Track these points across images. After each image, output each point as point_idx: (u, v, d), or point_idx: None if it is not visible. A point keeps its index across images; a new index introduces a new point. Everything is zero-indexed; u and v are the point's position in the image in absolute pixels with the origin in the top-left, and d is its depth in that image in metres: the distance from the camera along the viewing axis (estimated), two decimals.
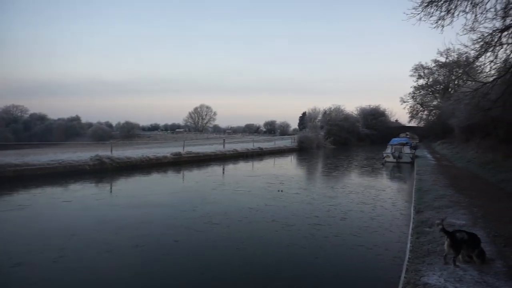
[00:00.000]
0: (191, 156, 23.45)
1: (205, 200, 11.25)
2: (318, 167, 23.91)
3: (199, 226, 8.25)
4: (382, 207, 10.61)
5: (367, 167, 22.76)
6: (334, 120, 55.10)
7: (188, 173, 18.54)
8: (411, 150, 27.24)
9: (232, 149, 28.63)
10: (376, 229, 8.23)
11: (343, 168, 22.41)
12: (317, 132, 48.12)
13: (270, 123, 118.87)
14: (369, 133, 62.64)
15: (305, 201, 11.30)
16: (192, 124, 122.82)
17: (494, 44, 11.07)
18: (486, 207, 8.47)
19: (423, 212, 8.10)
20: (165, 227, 8.09)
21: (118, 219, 8.78)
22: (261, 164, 23.93)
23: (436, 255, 5.31)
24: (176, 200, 11.15)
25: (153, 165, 19.97)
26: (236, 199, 11.46)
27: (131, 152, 21.29)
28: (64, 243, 6.92)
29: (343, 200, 11.66)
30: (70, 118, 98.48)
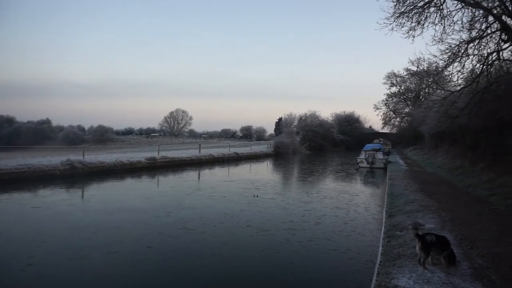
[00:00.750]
0: (166, 161, 23.16)
1: (180, 205, 11.14)
2: (293, 173, 24.11)
3: (173, 231, 8.17)
4: (355, 212, 10.83)
5: (342, 172, 23.16)
6: (309, 125, 55.82)
7: (163, 178, 18.31)
8: (384, 156, 27.97)
9: (208, 154, 28.49)
10: (350, 234, 8.39)
11: (318, 173, 22.70)
12: (293, 138, 48.58)
13: (247, 128, 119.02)
14: (344, 139, 63.82)
15: (280, 206, 11.38)
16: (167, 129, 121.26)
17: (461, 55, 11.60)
18: (454, 211, 8.81)
19: (395, 216, 8.34)
20: (139, 233, 7.96)
21: (90, 225, 8.56)
22: (237, 169, 23.92)
23: (407, 258, 5.48)
24: (150, 206, 10.99)
25: (127, 170, 19.60)
26: (211, 205, 11.41)
27: (104, 157, 20.81)
28: (33, 250, 6.69)
29: (318, 205, 11.81)
30: (40, 121, 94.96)
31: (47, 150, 33.43)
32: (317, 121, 58.21)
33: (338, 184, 17.65)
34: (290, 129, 52.02)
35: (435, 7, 11.81)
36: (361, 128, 71.45)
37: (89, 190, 13.88)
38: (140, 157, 21.82)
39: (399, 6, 12.03)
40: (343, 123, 67.96)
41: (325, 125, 59.90)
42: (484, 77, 11.80)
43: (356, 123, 70.30)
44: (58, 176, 16.07)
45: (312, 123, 56.76)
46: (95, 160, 18.58)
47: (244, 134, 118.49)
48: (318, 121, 58.61)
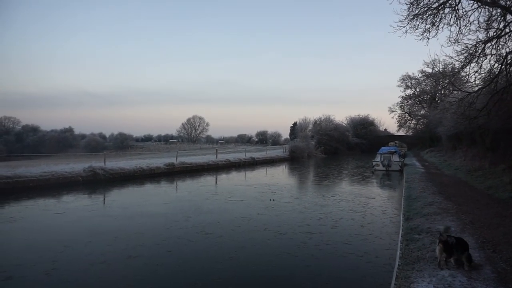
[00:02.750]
0: (184, 166, 23.33)
1: (198, 210, 11.17)
2: (309, 176, 23.94)
3: (192, 236, 8.17)
4: (372, 215, 10.63)
5: (357, 176, 22.85)
6: (324, 129, 55.46)
7: (181, 183, 18.42)
8: (400, 159, 27.48)
9: (225, 159, 28.57)
10: (367, 237, 8.23)
11: (334, 176, 22.46)
12: (308, 142, 48.32)
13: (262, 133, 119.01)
14: (359, 142, 63.09)
15: (296, 210, 11.27)
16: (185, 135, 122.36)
17: (478, 55, 11.28)
18: (474, 214, 8.54)
19: (412, 219, 8.13)
20: (158, 238, 7.99)
21: (111, 230, 8.66)
22: (253, 174, 23.89)
23: (426, 262, 5.32)
24: (169, 210, 11.05)
25: (147, 176, 19.82)
26: (228, 209, 11.40)
27: (125, 163, 21.11)
28: (56, 255, 6.79)
29: (334, 208, 11.66)
30: (63, 129, 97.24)
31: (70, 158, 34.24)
32: (332, 125, 57.79)
33: (354, 187, 17.41)
34: (305, 134, 51.78)
35: (450, 8, 11.53)
36: (376, 131, 70.49)
37: (110, 196, 14.07)
38: (159, 163, 22.03)
39: (413, 8, 11.80)
40: (358, 126, 67.23)
41: (340, 128, 59.40)
42: (503, 77, 11.44)
43: (371, 126, 69.40)
44: (80, 182, 16.37)
45: (327, 127, 56.39)
46: (115, 167, 18.85)
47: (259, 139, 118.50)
48: (333, 125, 58.18)
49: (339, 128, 58.99)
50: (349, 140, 61.49)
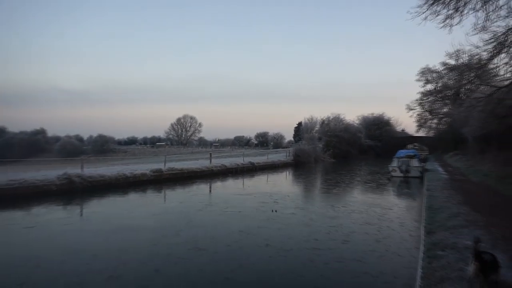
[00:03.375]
0: (174, 173, 23.30)
1: (190, 222, 11.13)
2: (316, 184, 23.90)
3: (183, 252, 8.14)
4: (388, 228, 10.60)
5: (371, 183, 22.85)
6: (333, 130, 55.49)
7: (170, 192, 18.38)
8: (420, 163, 27.46)
9: (220, 165, 28.54)
10: (383, 253, 8.20)
11: (345, 184, 22.45)
12: (314, 144, 48.33)
13: (262, 135, 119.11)
14: (373, 145, 63.16)
15: (302, 222, 11.25)
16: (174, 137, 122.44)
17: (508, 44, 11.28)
18: (508, 227, 8.50)
19: (435, 233, 8.10)
20: (144, 255, 7.95)
21: (89, 247, 8.61)
22: (252, 181, 23.87)
23: (452, 283, 5.28)
24: (157, 224, 11.02)
25: (131, 184, 19.78)
26: (224, 221, 11.36)
27: (105, 169, 21.06)
28: (25, 276, 6.75)
29: (345, 220, 11.63)
30: (34, 131, 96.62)
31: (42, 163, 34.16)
32: (342, 125, 57.83)
33: (368, 196, 17.40)
34: (311, 135, 51.81)
35: None
36: (393, 132, 70.58)
37: (88, 207, 14.02)
38: (145, 169, 22.00)
39: None
40: (371, 126, 67.32)
41: (351, 129, 59.44)
42: None
43: (387, 126, 69.47)
44: (54, 192, 16.31)
45: (336, 128, 56.43)
46: (95, 174, 18.81)
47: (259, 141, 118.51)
48: (343, 125, 58.21)
49: (350, 129, 59.03)
50: (362, 142, 61.54)
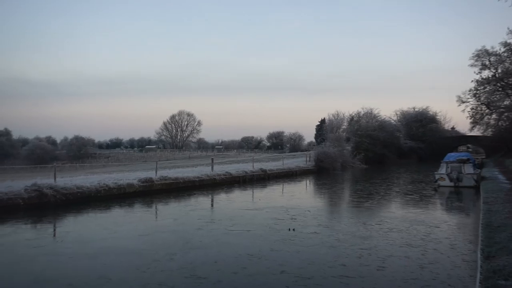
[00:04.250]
0: (167, 183, 23.39)
1: (187, 244, 11.14)
2: (344, 196, 23.81)
3: (178, 281, 8.15)
4: (436, 251, 10.49)
5: (413, 194, 22.69)
6: (365, 129, 55.30)
7: (163, 207, 18.43)
8: (475, 170, 27.15)
9: (224, 173, 28.58)
10: (429, 283, 8.11)
11: (380, 196, 22.31)
12: (341, 147, 48.18)
13: (276, 135, 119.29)
14: (415, 146, 62.78)
15: (326, 244, 11.18)
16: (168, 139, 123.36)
17: None
18: None
19: (495, 258, 8.00)
20: (131, 285, 7.97)
21: (64, 274, 8.66)
22: (264, 193, 23.86)
23: None
24: (146, 246, 11.04)
25: (114, 197, 19.89)
26: (230, 243, 11.35)
27: (83, 179, 21.21)
28: None
29: (381, 241, 11.54)
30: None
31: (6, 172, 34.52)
32: (376, 122, 57.61)
33: (409, 211, 17.27)
34: (337, 135, 51.70)
35: None
36: (440, 130, 70.18)
37: (62, 226, 14.11)
38: (132, 179, 22.11)
39: None
40: (412, 124, 67.01)
41: (387, 127, 59.17)
42: None
43: (432, 123, 69.06)
44: (21, 207, 16.44)
45: (369, 125, 56.24)
46: (70, 184, 18.94)
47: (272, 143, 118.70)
48: (377, 122, 58.00)
49: (386, 127, 58.74)
50: (401, 143, 61.22)
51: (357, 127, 55.83)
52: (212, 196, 22.14)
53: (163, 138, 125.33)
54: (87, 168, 47.84)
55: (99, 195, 19.45)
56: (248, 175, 30.24)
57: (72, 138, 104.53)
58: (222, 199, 21.16)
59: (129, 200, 19.63)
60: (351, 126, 56.84)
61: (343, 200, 22.11)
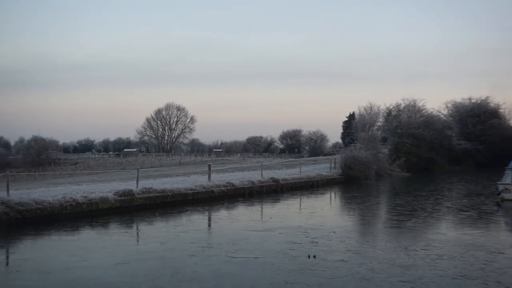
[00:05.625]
0: (152, 196, 23.37)
1: (177, 275, 11.15)
2: (379, 212, 23.79)
3: None
4: (499, 284, 10.44)
5: (470, 211, 22.61)
6: (406, 126, 55.07)
7: (146, 227, 18.45)
8: None
9: (225, 183, 28.56)
10: None
11: (426, 213, 22.22)
12: (376, 149, 48.05)
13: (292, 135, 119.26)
14: (471, 149, 62.38)
15: (357, 275, 11.15)
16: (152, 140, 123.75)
17: None
18: None
19: None
20: None
21: None
22: (276, 209, 23.89)
23: None
24: (124, 277, 11.05)
25: (84, 215, 19.93)
26: (232, 274, 11.35)
27: (44, 192, 21.27)
28: None
29: (427, 271, 11.49)
30: None
31: None
32: (420, 118, 57.40)
33: (464, 232, 17.21)
34: (370, 134, 51.65)
35: None
36: (504, 127, 69.56)
37: (18, 252, 14.15)
38: (106, 191, 22.14)
39: None
40: (468, 119, 66.56)
41: (436, 123, 58.94)
42: None
43: (494, 118, 68.45)
44: None
45: (411, 122, 56.03)
46: (28, 199, 18.96)
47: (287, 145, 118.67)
48: (422, 117, 57.79)
49: (434, 123, 58.50)
50: (452, 144, 60.94)
51: (396, 123, 55.58)
52: (210, 213, 22.14)
53: (146, 139, 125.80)
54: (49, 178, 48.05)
55: (64, 213, 19.47)
56: (256, 187, 30.20)
57: (30, 139, 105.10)
58: (222, 217, 21.15)
59: (103, 218, 19.66)
60: (389, 122, 56.62)
61: (378, 218, 22.05)
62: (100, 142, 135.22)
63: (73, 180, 33.43)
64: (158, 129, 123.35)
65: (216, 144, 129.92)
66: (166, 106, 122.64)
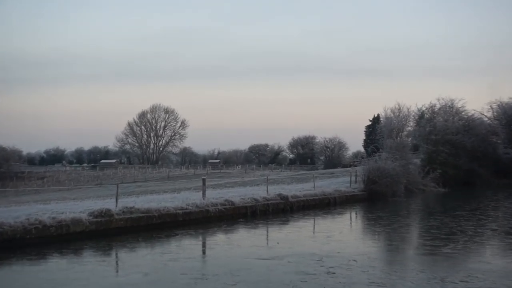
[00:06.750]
0: (134, 217, 23.37)
1: None
2: (410, 236, 23.80)
3: None
4: None
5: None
6: (442, 131, 55.03)
7: (127, 255, 18.46)
8: None
9: (223, 201, 28.58)
10: None
11: (466, 237, 22.20)
12: (405, 159, 48.03)
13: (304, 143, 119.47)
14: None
15: None
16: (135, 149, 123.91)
17: None
18: None
19: None
20: None
21: None
22: (285, 232, 23.86)
23: None
24: None
25: (52, 240, 19.94)
26: None
27: (5, 212, 21.29)
28: None
29: None
30: None
31: None
32: (459, 121, 57.41)
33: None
34: (399, 141, 51.69)
35: None
36: None
37: None
38: (79, 211, 22.16)
39: None
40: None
41: (478, 128, 58.88)
42: None
43: None
44: None
45: (448, 126, 56.02)
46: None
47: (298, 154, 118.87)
48: (462, 120, 57.72)
49: (476, 128, 58.44)
50: (499, 153, 60.81)
51: (430, 128, 55.51)
52: (204, 237, 22.15)
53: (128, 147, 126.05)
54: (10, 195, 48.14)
55: (28, 237, 19.47)
56: (260, 205, 30.18)
57: None
58: (220, 243, 21.12)
59: (75, 244, 19.67)
60: (421, 127, 56.57)
61: (408, 243, 22.02)
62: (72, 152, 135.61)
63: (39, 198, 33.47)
64: (142, 136, 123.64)
65: (212, 154, 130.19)
66: (151, 108, 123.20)
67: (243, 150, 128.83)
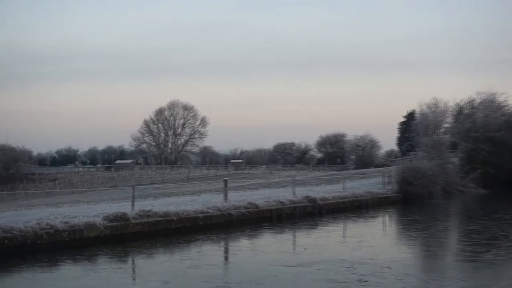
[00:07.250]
0: (151, 221, 23.42)
1: None
2: (449, 241, 23.65)
3: None
4: None
5: None
6: (483, 128, 54.57)
7: (145, 261, 18.51)
8: None
9: (246, 204, 28.56)
10: None
11: (510, 242, 22.02)
12: (443, 158, 47.75)
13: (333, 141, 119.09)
14: None
15: None
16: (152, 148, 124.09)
17: None
18: None
19: None
20: None
21: None
22: (313, 237, 23.81)
23: None
24: None
25: (65, 245, 20.03)
26: None
27: (14, 216, 21.42)
28: None
29: None
30: None
31: None
32: (502, 117, 56.83)
33: None
34: (436, 139, 51.22)
35: None
36: None
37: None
38: (93, 215, 22.23)
39: None
40: None
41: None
42: None
43: None
44: None
45: (489, 122, 55.53)
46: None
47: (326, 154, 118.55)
48: (504, 115, 57.15)
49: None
50: None
51: (469, 125, 55.05)
52: (226, 243, 22.16)
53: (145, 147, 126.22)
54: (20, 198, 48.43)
55: (40, 243, 19.57)
56: (286, 208, 30.16)
57: None
58: (243, 248, 21.13)
59: (89, 250, 19.74)
60: (459, 123, 56.11)
61: (447, 249, 21.89)
62: (85, 152, 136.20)
63: (51, 201, 33.63)
64: (160, 135, 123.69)
65: (235, 153, 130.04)
66: (169, 105, 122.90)
67: (268, 149, 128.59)
